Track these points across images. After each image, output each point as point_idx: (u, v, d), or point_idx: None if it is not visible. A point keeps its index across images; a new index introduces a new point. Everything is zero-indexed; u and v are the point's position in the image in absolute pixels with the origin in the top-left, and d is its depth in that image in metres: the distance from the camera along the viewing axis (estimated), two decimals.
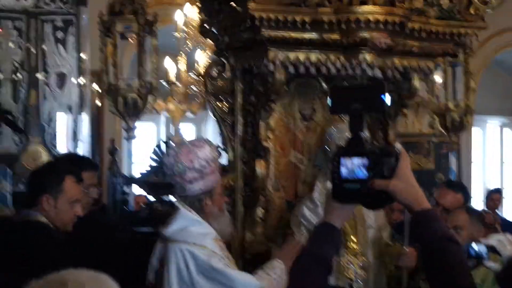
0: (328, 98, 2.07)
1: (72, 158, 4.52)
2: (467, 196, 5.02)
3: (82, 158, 4.78)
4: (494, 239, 3.02)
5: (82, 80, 5.95)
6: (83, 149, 6.54)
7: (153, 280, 3.78)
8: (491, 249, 3.13)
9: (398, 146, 2.08)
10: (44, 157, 6.25)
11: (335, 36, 4.09)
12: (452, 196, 4.86)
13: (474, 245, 3.48)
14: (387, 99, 2.03)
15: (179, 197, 3.76)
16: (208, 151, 3.69)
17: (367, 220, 4.31)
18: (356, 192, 2.01)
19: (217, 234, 3.72)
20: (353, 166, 2.01)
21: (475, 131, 12.44)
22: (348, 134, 2.06)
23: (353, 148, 2.02)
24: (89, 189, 4.24)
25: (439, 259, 1.99)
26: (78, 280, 1.62)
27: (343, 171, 2.01)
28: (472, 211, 4.55)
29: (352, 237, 4.23)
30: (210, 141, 3.82)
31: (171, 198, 5.31)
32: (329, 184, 2.11)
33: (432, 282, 2.04)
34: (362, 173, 2.00)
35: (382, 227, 4.45)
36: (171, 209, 5.18)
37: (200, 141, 3.79)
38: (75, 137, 6.16)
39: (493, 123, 13.30)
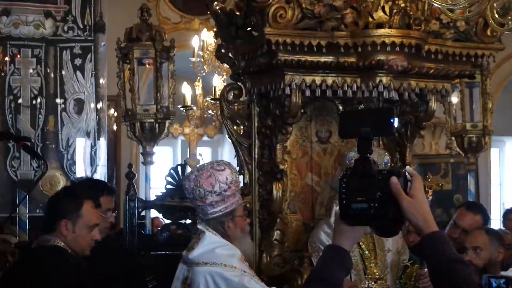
0: (339, 122, 2.09)
1: (89, 183, 4.54)
2: (486, 217, 4.99)
3: (99, 182, 4.80)
4: None
5: (99, 106, 6.00)
6: (100, 174, 6.58)
7: None
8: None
9: (409, 169, 2.08)
10: (62, 182, 6.28)
11: (352, 59, 4.09)
12: (471, 218, 4.84)
13: (494, 279, 3.45)
14: (396, 122, 2.04)
15: (202, 221, 3.77)
16: (228, 174, 3.70)
17: (386, 244, 4.28)
18: (364, 212, 2.01)
19: (241, 254, 3.72)
20: (361, 186, 2.01)
21: (493, 152, 12.36)
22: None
23: (360, 169, 2.04)
24: (106, 214, 4.26)
25: (448, 281, 2.00)
26: None
27: (351, 191, 2.02)
28: (491, 232, 4.52)
29: (371, 261, 4.21)
30: (230, 164, 3.83)
31: (188, 221, 5.32)
32: (336, 207, 2.11)
33: None
34: (370, 193, 2.00)
35: (401, 250, 4.43)
36: (188, 232, 5.21)
37: (220, 164, 3.78)
38: (93, 162, 6.20)
39: (511, 144, 13.21)
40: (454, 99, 6.60)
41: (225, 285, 3.56)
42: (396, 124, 2.05)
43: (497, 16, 3.04)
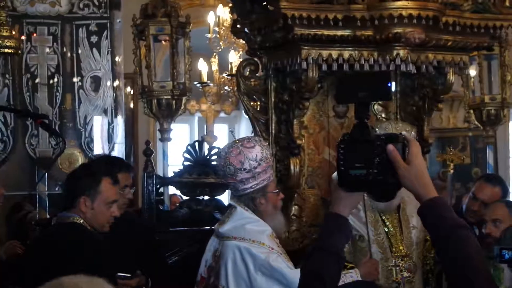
0: (335, 88, 2.07)
1: (107, 160, 4.55)
2: (505, 189, 4.97)
3: (117, 159, 4.81)
4: None
5: (116, 83, 6.00)
6: (118, 151, 6.60)
7: (205, 274, 3.83)
8: None
9: (405, 133, 2.07)
10: (80, 160, 6.31)
11: (368, 33, 4.06)
12: (490, 190, 4.81)
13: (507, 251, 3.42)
14: (393, 86, 2.03)
15: (234, 197, 3.81)
16: (258, 151, 3.71)
17: (411, 221, 4.16)
18: (362, 178, 1.99)
19: (272, 231, 3.75)
20: (359, 152, 2.00)
21: None
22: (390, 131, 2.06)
23: (358, 135, 2.02)
24: (124, 190, 4.28)
25: (450, 247, 1.98)
26: (74, 284, 1.65)
27: (348, 157, 2.00)
28: (511, 204, 4.49)
29: (398, 238, 4.14)
30: (261, 141, 3.84)
31: (206, 197, 5.33)
32: (335, 174, 2.09)
33: (447, 270, 2.03)
34: (368, 158, 1.99)
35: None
36: (206, 208, 5.24)
37: (251, 141, 3.79)
38: (110, 139, 6.22)
39: None
40: (472, 71, 6.54)
41: (251, 261, 3.60)
42: (393, 88, 2.04)
43: None
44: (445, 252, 2.00)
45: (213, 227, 3.95)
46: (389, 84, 2.04)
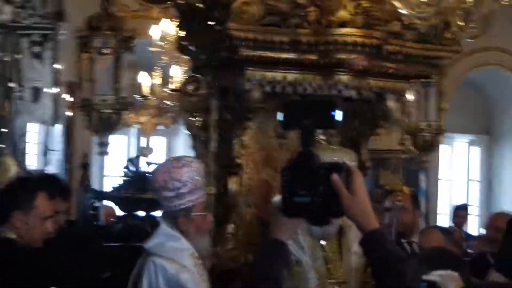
0: (280, 113, 2.07)
1: (48, 180, 4.46)
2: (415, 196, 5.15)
3: (58, 182, 4.70)
4: (436, 275, 3.04)
5: (56, 94, 5.91)
6: (55, 160, 6.48)
7: None
8: (433, 285, 3.13)
9: (349, 164, 2.10)
10: (13, 169, 6.17)
11: (313, 57, 4.10)
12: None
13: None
14: (338, 115, 2.04)
15: (162, 213, 3.90)
16: (184, 172, 3.75)
17: (353, 246, 4.02)
18: (306, 206, 2.00)
19: (194, 251, 3.81)
20: (304, 179, 2.00)
21: (443, 148, 12.58)
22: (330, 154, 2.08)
23: (303, 162, 2.02)
24: (58, 215, 4.20)
25: (390, 279, 2.04)
26: None
27: (293, 184, 2.01)
28: (444, 231, 4.63)
29: (336, 264, 4.10)
30: (192, 162, 3.86)
31: (142, 213, 5.29)
32: (275, 198, 2.10)
33: None
34: (313, 187, 2.00)
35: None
36: (142, 224, 5.19)
37: (180, 161, 3.83)
38: (46, 150, 6.11)
39: (461, 141, 13.44)
40: (410, 96, 6.68)
41: (162, 275, 3.66)
42: (339, 117, 2.05)
43: (458, 22, 3.07)
44: (384, 282, 2.04)
45: None
46: (333, 113, 2.05)
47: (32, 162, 6.18)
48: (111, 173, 6.57)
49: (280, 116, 2.09)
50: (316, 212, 2.02)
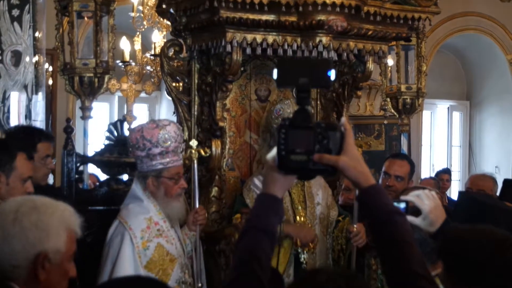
0: (274, 70, 2.10)
1: (25, 131, 4.47)
2: (412, 163, 5.23)
3: (36, 129, 4.71)
4: (413, 195, 3.08)
5: (37, 59, 5.87)
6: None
7: None
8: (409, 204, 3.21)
9: (343, 121, 2.12)
10: None
11: (292, 18, 4.13)
12: (399, 164, 5.06)
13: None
14: (333, 75, 2.07)
15: (136, 172, 3.98)
16: (156, 133, 3.78)
17: (316, 198, 4.46)
18: (302, 164, 2.05)
19: (154, 215, 3.88)
20: (300, 138, 2.04)
21: (425, 114, 12.66)
22: (294, 109, 2.11)
23: (299, 121, 2.06)
24: (46, 160, 4.24)
25: (389, 231, 2.09)
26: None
27: (290, 142, 2.04)
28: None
29: (300, 211, 4.35)
30: (165, 125, 3.88)
31: (126, 176, 5.31)
32: (269, 155, 2.14)
33: (383, 253, 2.13)
34: (309, 145, 2.04)
35: (330, 205, 4.56)
36: (126, 188, 5.21)
37: (154, 122, 3.88)
38: (29, 116, 6.08)
39: (442, 107, 13.53)
40: (390, 61, 6.74)
41: (110, 233, 3.85)
42: (333, 77, 2.08)
43: None
44: (383, 235, 2.09)
45: None
46: (329, 72, 2.07)
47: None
48: (94, 139, 6.57)
49: (274, 73, 2.10)
50: (311, 170, 2.06)
